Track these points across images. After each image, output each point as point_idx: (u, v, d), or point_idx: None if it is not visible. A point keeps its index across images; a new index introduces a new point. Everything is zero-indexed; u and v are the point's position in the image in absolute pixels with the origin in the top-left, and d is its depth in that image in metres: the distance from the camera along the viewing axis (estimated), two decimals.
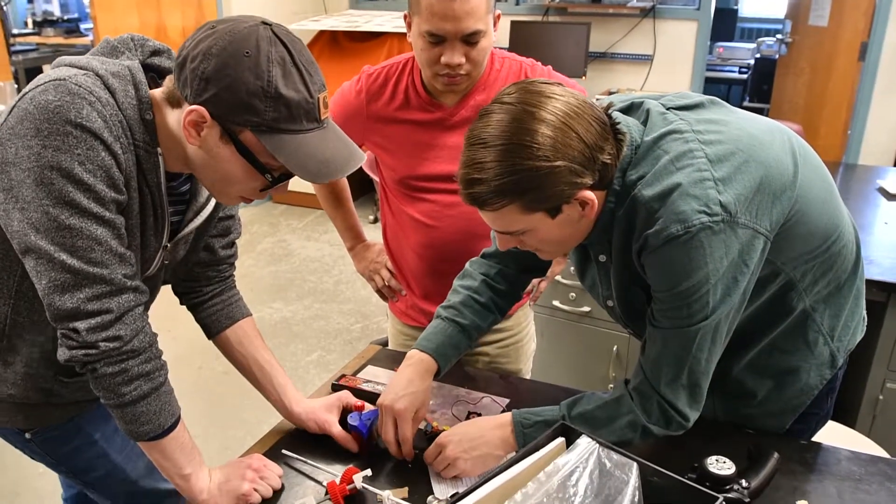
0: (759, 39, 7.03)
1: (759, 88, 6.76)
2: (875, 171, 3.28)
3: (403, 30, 1.66)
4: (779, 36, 6.34)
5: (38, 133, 1.03)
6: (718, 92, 6.86)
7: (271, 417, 1.51)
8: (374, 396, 1.43)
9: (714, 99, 1.25)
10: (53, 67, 1.13)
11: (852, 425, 2.15)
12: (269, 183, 1.15)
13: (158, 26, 4.83)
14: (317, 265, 4.67)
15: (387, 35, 5.15)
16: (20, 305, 1.22)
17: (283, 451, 1.41)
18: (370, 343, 1.93)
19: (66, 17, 6.36)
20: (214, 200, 1.32)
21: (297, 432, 1.48)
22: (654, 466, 1.09)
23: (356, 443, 1.40)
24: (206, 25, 1.09)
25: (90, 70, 1.10)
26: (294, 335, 3.79)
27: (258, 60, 1.04)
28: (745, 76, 6.78)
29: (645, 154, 1.16)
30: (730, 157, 1.13)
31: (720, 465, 1.21)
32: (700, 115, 1.19)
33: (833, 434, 1.65)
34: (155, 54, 1.22)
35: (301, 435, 1.47)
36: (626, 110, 1.23)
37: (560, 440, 1.16)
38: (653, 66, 5.15)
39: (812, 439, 1.44)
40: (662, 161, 1.13)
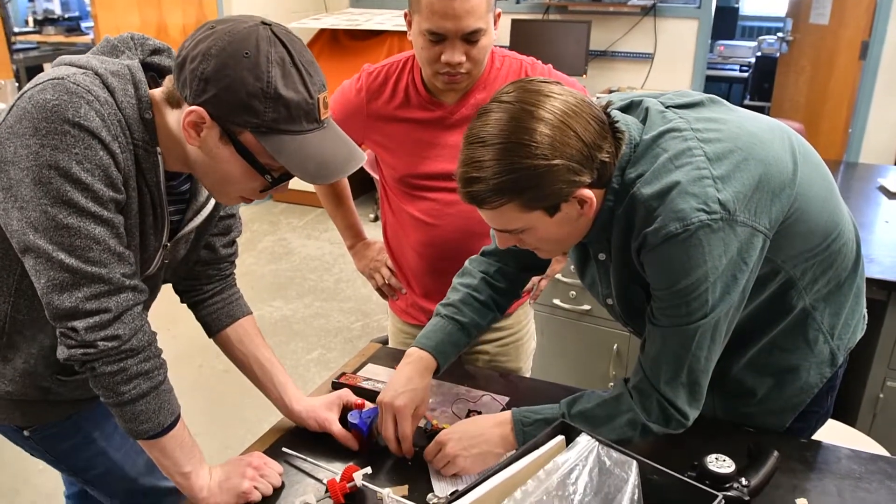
0: (760, 38, 7.03)
1: (759, 87, 6.75)
2: (876, 170, 3.28)
3: (404, 28, 1.66)
4: (780, 34, 6.34)
5: (36, 132, 1.03)
6: (719, 90, 6.86)
7: (272, 415, 1.51)
8: (374, 394, 1.43)
9: (713, 97, 1.25)
10: (54, 66, 1.13)
11: (853, 424, 2.15)
12: (268, 183, 1.15)
13: (159, 24, 4.83)
14: (317, 263, 4.67)
15: (387, 33, 5.15)
16: (20, 303, 1.22)
17: (284, 449, 1.41)
18: (370, 341, 1.93)
19: (66, 16, 6.37)
20: (214, 200, 1.32)
21: (297, 430, 1.48)
22: (653, 464, 1.09)
23: (356, 441, 1.40)
24: (206, 25, 1.09)
25: (89, 69, 1.10)
26: (294, 333, 3.80)
27: (257, 61, 1.04)
28: (745, 74, 6.77)
29: (644, 152, 1.16)
30: (728, 156, 1.13)
31: (720, 463, 1.21)
32: (699, 114, 1.19)
33: (833, 432, 1.65)
34: (155, 53, 1.22)
35: (301, 433, 1.47)
36: (626, 109, 1.23)
37: (560, 438, 1.16)
38: (653, 65, 5.14)
39: (812, 437, 1.44)
40: (661, 159, 1.13)
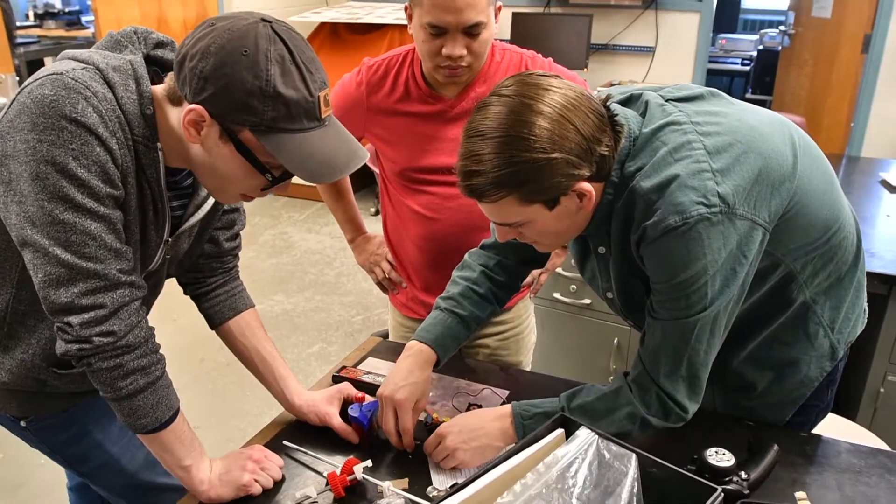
0: (762, 31, 7.01)
1: (761, 80, 6.74)
2: (878, 164, 3.27)
3: (404, 22, 1.66)
4: (782, 27, 6.33)
5: (34, 127, 1.03)
6: (721, 84, 6.84)
7: (272, 409, 1.52)
8: (375, 388, 1.43)
9: (713, 90, 1.25)
10: (57, 60, 1.13)
11: (853, 418, 2.15)
12: (269, 182, 1.14)
13: (159, 18, 4.82)
14: (318, 257, 4.67)
15: (388, 27, 5.15)
16: (22, 294, 1.22)
17: (284, 443, 1.41)
18: (371, 335, 1.93)
19: (67, 10, 6.36)
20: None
21: (298, 423, 1.48)
22: (653, 458, 1.09)
23: (357, 434, 1.40)
24: (206, 23, 1.08)
25: (91, 64, 1.10)
26: (295, 327, 3.80)
27: (256, 59, 1.03)
28: (747, 68, 6.76)
29: (643, 146, 1.16)
30: (728, 149, 1.13)
31: (719, 456, 1.21)
32: (699, 107, 1.19)
33: (834, 426, 1.65)
34: (158, 46, 1.21)
35: (302, 426, 1.47)
36: (625, 102, 1.23)
37: (559, 431, 1.16)
38: (655, 58, 5.13)
39: (812, 431, 1.44)
40: (661, 152, 1.13)
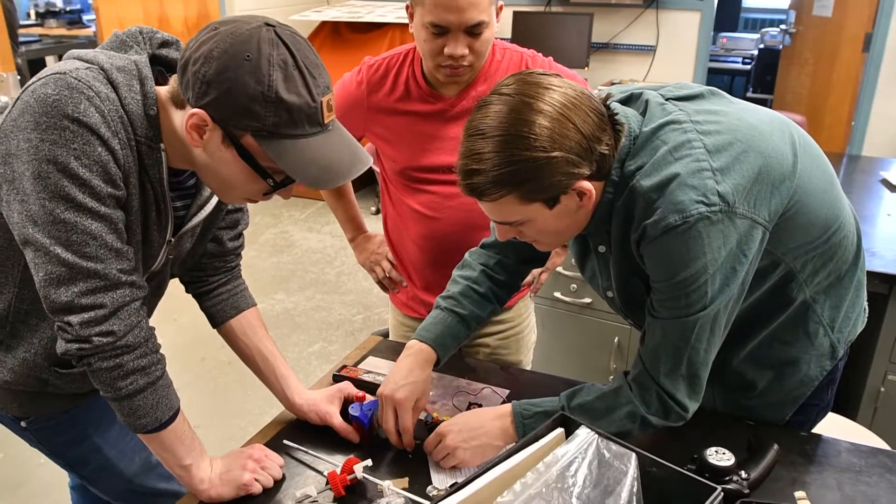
0: (763, 30, 7.00)
1: (762, 79, 6.73)
2: (879, 163, 3.26)
3: (405, 20, 1.66)
4: (783, 26, 6.32)
5: (36, 126, 1.03)
6: (722, 83, 6.83)
7: (273, 408, 1.52)
8: (375, 387, 1.43)
9: (713, 89, 1.25)
10: (63, 60, 1.13)
11: (854, 417, 2.15)
12: (271, 187, 1.14)
13: (161, 17, 4.82)
14: (319, 256, 4.67)
15: (389, 26, 5.14)
16: (24, 293, 1.22)
17: (285, 442, 1.41)
18: (371, 334, 1.93)
19: (68, 9, 6.37)
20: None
21: (298, 422, 1.48)
22: (652, 457, 1.09)
23: (357, 433, 1.41)
24: (210, 27, 1.08)
25: (95, 64, 1.10)
26: (296, 326, 3.80)
27: (259, 64, 1.03)
28: (748, 67, 6.75)
29: (643, 144, 1.16)
30: (728, 148, 1.13)
31: (719, 456, 1.21)
32: (699, 106, 1.19)
33: (834, 426, 1.65)
34: (163, 46, 1.21)
35: (302, 425, 1.47)
36: (625, 101, 1.23)
37: (559, 431, 1.17)
38: (656, 57, 5.12)
39: (812, 431, 1.44)
40: (661, 151, 1.13)
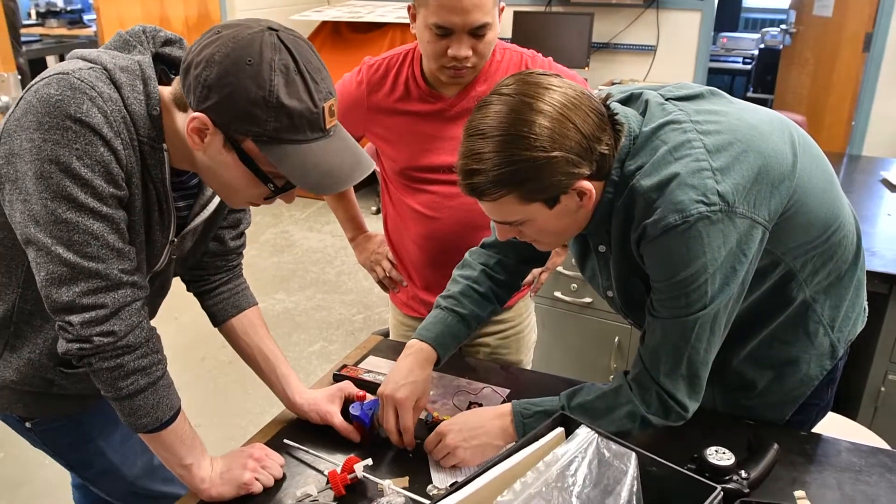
0: (764, 30, 7.00)
1: (762, 79, 6.73)
2: (879, 163, 3.26)
3: (406, 20, 1.66)
4: (783, 26, 6.32)
5: (39, 126, 1.04)
6: (722, 83, 6.83)
7: (274, 407, 1.52)
8: (376, 386, 1.43)
9: (713, 89, 1.25)
10: (66, 60, 1.13)
11: (854, 417, 2.15)
12: (272, 192, 1.14)
13: (162, 17, 4.82)
14: (319, 256, 4.67)
15: (389, 26, 5.15)
16: (28, 294, 1.22)
17: (285, 441, 1.41)
18: (372, 333, 1.93)
19: (69, 8, 6.37)
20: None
21: (299, 422, 1.49)
22: (652, 457, 1.09)
23: (358, 433, 1.41)
24: (212, 30, 1.08)
25: (98, 64, 1.10)
26: (296, 325, 3.80)
27: (260, 69, 1.02)
28: (748, 67, 6.75)
29: (643, 144, 1.16)
30: (728, 147, 1.13)
31: (719, 455, 1.21)
32: (699, 106, 1.19)
33: (834, 425, 1.65)
34: (167, 44, 1.21)
35: (303, 424, 1.47)
36: (625, 101, 1.24)
37: (559, 430, 1.17)
38: (656, 57, 5.12)
39: (812, 430, 1.44)
40: (661, 151, 1.13)
